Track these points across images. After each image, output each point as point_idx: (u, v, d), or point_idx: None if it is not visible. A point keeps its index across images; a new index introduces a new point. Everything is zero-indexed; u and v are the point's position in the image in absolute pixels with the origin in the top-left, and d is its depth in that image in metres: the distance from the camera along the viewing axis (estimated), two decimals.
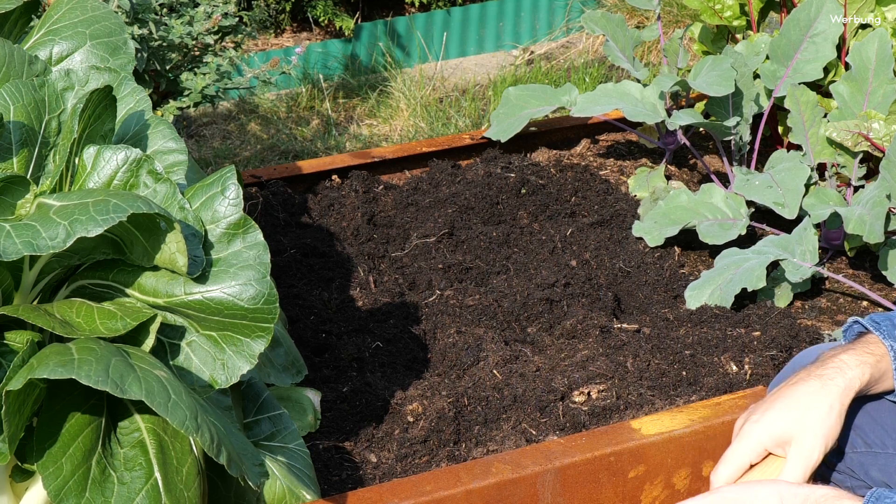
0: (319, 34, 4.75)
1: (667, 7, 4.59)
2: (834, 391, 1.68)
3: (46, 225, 1.57)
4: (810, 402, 1.67)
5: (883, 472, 1.72)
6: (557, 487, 1.97)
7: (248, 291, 1.69)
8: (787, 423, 1.67)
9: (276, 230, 2.75)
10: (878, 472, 1.72)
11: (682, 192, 2.74)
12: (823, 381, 1.69)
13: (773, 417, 1.67)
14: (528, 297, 2.49)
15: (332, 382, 2.30)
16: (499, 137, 3.02)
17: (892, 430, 1.72)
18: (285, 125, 4.12)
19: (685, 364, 2.30)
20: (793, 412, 1.67)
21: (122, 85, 1.89)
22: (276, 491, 1.83)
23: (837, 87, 2.68)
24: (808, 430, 1.65)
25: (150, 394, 1.53)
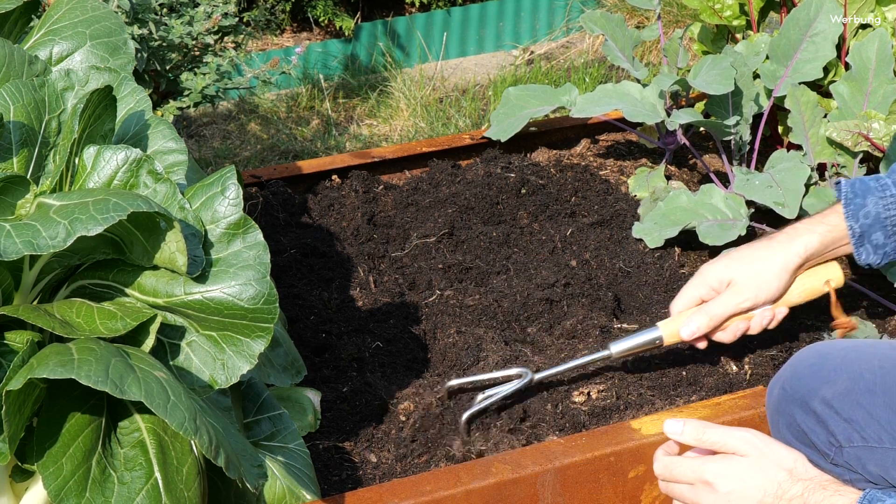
0: (319, 34, 4.75)
1: (667, 7, 4.59)
2: (778, 253, 2.07)
3: (46, 224, 1.57)
4: (754, 258, 2.08)
5: (879, 467, 1.74)
6: (557, 487, 1.97)
7: (248, 291, 1.69)
8: (731, 270, 2.09)
9: (276, 230, 2.75)
10: (874, 466, 1.74)
11: (682, 192, 2.74)
12: (771, 243, 2.08)
13: (722, 264, 2.10)
14: (528, 297, 2.49)
15: (332, 382, 2.30)
16: (499, 137, 3.02)
17: (887, 424, 1.73)
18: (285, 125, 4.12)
19: (685, 364, 2.30)
20: (738, 264, 2.08)
21: (122, 85, 1.90)
22: (276, 491, 1.83)
23: (837, 87, 2.68)
24: (745, 278, 2.07)
25: (150, 395, 1.53)
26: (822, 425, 1.77)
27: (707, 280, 2.12)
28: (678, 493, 1.66)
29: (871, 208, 2.02)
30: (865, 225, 2.03)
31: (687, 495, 1.64)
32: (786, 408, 1.83)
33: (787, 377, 1.85)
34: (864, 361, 1.80)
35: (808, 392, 1.80)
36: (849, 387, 1.77)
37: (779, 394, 1.85)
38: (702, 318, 2.11)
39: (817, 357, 1.85)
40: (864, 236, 2.04)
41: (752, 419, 2.06)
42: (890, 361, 1.79)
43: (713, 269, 2.12)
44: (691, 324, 2.11)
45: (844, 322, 2.20)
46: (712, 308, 2.10)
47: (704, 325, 2.11)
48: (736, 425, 2.04)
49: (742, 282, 2.08)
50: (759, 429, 1.92)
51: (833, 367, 1.81)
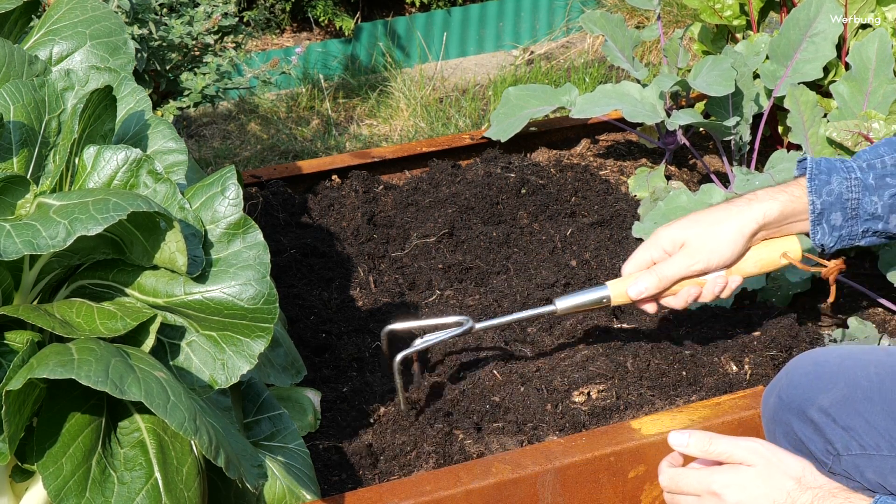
0: (319, 34, 4.75)
1: (667, 7, 4.59)
2: (734, 218, 2.01)
3: (46, 224, 1.57)
4: (709, 221, 2.02)
5: (878, 474, 1.73)
6: (557, 487, 1.97)
7: (248, 291, 1.69)
8: (686, 232, 2.03)
9: (276, 230, 2.75)
10: (872, 474, 1.73)
11: (682, 192, 2.74)
12: (729, 206, 2.03)
13: (677, 226, 2.04)
14: (528, 297, 2.49)
15: (332, 382, 2.30)
16: (499, 137, 3.02)
17: (885, 432, 1.72)
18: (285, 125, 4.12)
19: (685, 364, 2.30)
20: (693, 226, 2.03)
21: (122, 85, 1.90)
22: (276, 491, 1.83)
23: (837, 87, 2.68)
24: (698, 240, 2.01)
25: (150, 395, 1.53)
26: (820, 434, 1.77)
27: (660, 241, 2.05)
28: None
29: (835, 186, 1.99)
30: (827, 203, 2.00)
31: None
32: (782, 417, 1.82)
33: (782, 385, 1.84)
34: (861, 369, 1.79)
35: (804, 400, 1.79)
36: (846, 394, 1.76)
37: (775, 402, 1.84)
38: (651, 279, 2.04)
39: (813, 365, 1.84)
40: (823, 214, 2.01)
41: (752, 419, 2.06)
42: (886, 368, 1.78)
43: (667, 231, 2.05)
44: (639, 283, 2.04)
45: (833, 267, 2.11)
46: (662, 269, 2.04)
47: (653, 286, 2.04)
48: (736, 425, 2.05)
49: (695, 244, 2.02)
50: (759, 430, 1.92)
51: (829, 374, 1.80)
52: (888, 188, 2.00)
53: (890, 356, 1.82)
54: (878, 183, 2.00)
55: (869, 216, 2.01)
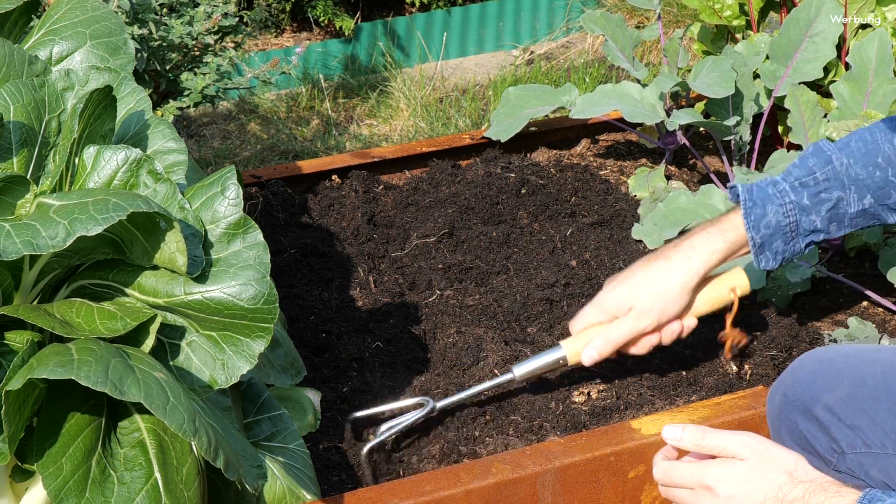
0: (319, 34, 4.75)
1: (667, 7, 4.59)
2: (676, 274, 2.05)
3: (46, 224, 1.57)
4: (652, 279, 2.05)
5: (883, 473, 1.73)
6: (557, 487, 1.97)
7: (248, 291, 1.69)
8: (630, 297, 2.06)
9: (276, 230, 2.75)
10: (878, 472, 1.73)
11: (682, 192, 2.73)
12: (668, 263, 2.06)
13: (620, 290, 2.07)
14: (528, 297, 2.49)
15: (332, 382, 2.30)
16: (499, 137, 3.02)
17: (891, 430, 1.72)
18: (285, 125, 4.12)
19: (685, 364, 2.30)
20: (637, 287, 2.06)
21: (122, 85, 1.90)
22: (276, 491, 1.83)
23: (837, 87, 2.68)
24: (645, 303, 2.05)
25: (149, 396, 1.53)
26: (825, 432, 1.76)
27: (606, 307, 2.09)
28: (679, 498, 1.65)
29: (772, 217, 2.03)
30: (766, 235, 2.04)
31: (688, 500, 1.63)
32: (788, 414, 1.82)
33: (788, 383, 1.84)
34: (867, 367, 1.79)
35: (810, 398, 1.79)
36: (852, 393, 1.76)
37: (780, 400, 1.84)
38: (603, 345, 2.08)
39: (819, 363, 1.84)
40: (765, 245, 2.05)
41: (752, 419, 2.06)
42: (892, 367, 1.78)
43: (611, 297, 2.08)
44: (591, 350, 2.08)
45: (735, 335, 2.20)
46: (613, 334, 2.08)
47: (606, 351, 2.08)
48: (736, 425, 2.05)
49: (642, 307, 2.06)
50: (759, 430, 1.92)
51: (835, 372, 1.80)
52: (824, 203, 2.04)
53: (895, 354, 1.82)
54: (812, 201, 2.04)
55: (809, 232, 2.06)
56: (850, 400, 1.76)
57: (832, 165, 2.04)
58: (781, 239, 2.05)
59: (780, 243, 2.05)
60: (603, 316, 2.10)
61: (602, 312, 2.10)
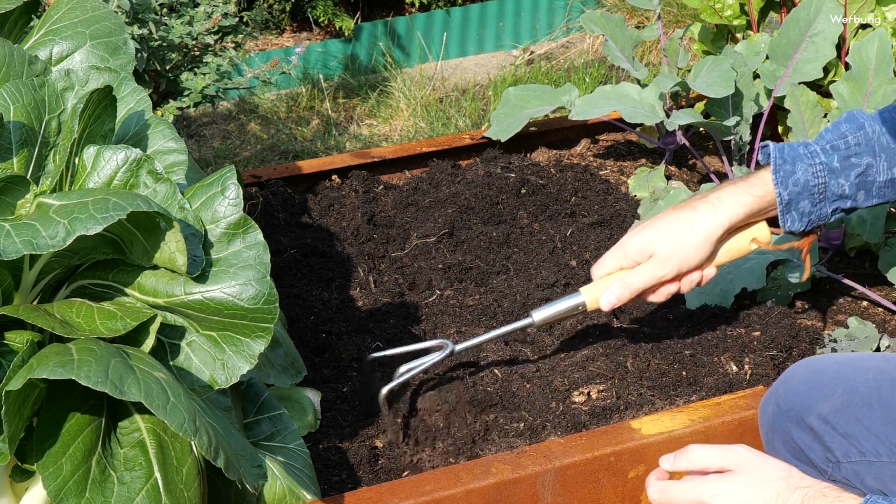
0: (319, 34, 4.75)
1: (667, 7, 4.59)
2: (700, 225, 2.02)
3: (46, 224, 1.57)
4: (675, 229, 2.03)
5: (878, 481, 1.73)
6: (557, 487, 1.97)
7: (248, 291, 1.69)
8: (652, 242, 2.03)
9: (276, 230, 2.75)
10: (873, 480, 1.73)
11: (682, 192, 2.74)
12: (695, 212, 2.03)
13: (643, 235, 2.04)
14: (529, 297, 2.49)
15: (332, 382, 2.30)
16: (499, 137, 3.02)
17: (885, 438, 1.72)
18: (285, 125, 4.12)
19: (685, 364, 2.30)
20: (660, 235, 2.03)
21: (122, 85, 1.90)
22: (276, 491, 1.83)
23: (837, 87, 2.68)
24: (666, 251, 2.02)
25: (150, 395, 1.53)
26: (819, 441, 1.76)
27: (627, 252, 2.06)
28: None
29: (801, 175, 2.01)
30: (794, 192, 2.02)
31: None
32: (781, 425, 1.81)
33: (780, 393, 1.83)
34: (859, 375, 1.79)
35: (803, 408, 1.78)
36: (845, 401, 1.76)
37: (773, 411, 1.83)
38: (621, 291, 2.06)
39: (811, 372, 1.83)
40: (792, 204, 2.03)
41: (752, 419, 2.06)
42: (884, 374, 1.78)
43: (633, 242, 2.06)
44: (610, 295, 2.07)
45: (806, 241, 2.15)
46: (632, 280, 2.06)
47: (625, 297, 2.06)
48: (736, 425, 2.05)
49: (663, 254, 2.03)
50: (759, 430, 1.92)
51: (828, 381, 1.79)
52: (854, 168, 2.02)
53: (888, 362, 1.81)
54: (843, 164, 2.02)
55: (837, 197, 2.04)
56: (844, 409, 1.75)
57: (864, 131, 2.03)
58: (809, 199, 2.03)
59: (807, 203, 2.03)
60: (624, 261, 2.08)
61: (623, 258, 2.07)
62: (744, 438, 2.05)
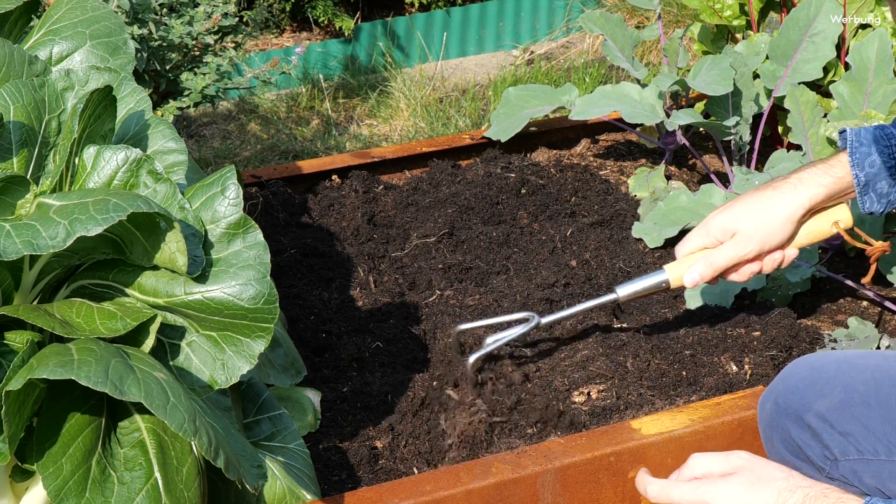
0: (319, 34, 4.75)
1: (667, 7, 4.59)
2: (782, 204, 2.06)
3: (46, 224, 1.57)
4: (758, 209, 2.07)
5: (876, 479, 1.73)
6: (557, 487, 1.97)
7: (249, 291, 1.69)
8: (735, 221, 2.08)
9: (276, 230, 2.75)
10: (871, 478, 1.73)
11: (682, 192, 2.74)
12: (776, 193, 2.07)
13: (726, 214, 2.09)
14: (529, 297, 2.49)
15: (332, 382, 2.30)
16: (499, 137, 3.02)
17: (882, 436, 1.72)
18: (285, 125, 4.12)
19: (685, 364, 2.30)
20: (743, 213, 2.08)
21: (122, 85, 1.90)
22: (276, 491, 1.83)
23: (837, 87, 2.68)
24: (749, 229, 2.06)
25: (150, 396, 1.53)
26: (817, 439, 1.76)
27: (710, 231, 2.12)
28: None
29: (876, 157, 2.03)
30: (871, 174, 2.04)
31: None
32: (780, 422, 1.81)
33: (779, 391, 1.84)
34: (857, 373, 1.79)
35: (801, 406, 1.78)
36: (843, 399, 1.76)
37: (771, 408, 1.84)
38: (705, 268, 2.11)
39: (809, 370, 1.83)
40: (869, 185, 2.05)
41: (752, 419, 2.06)
42: (882, 372, 1.78)
43: (717, 221, 2.11)
44: (693, 272, 2.12)
45: (878, 248, 2.17)
46: (715, 258, 2.10)
47: (708, 275, 2.11)
48: (736, 425, 2.05)
49: (746, 233, 2.07)
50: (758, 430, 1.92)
51: (826, 379, 1.80)
52: None
53: (886, 360, 1.81)
54: None
55: None
56: (842, 407, 1.75)
57: None
58: (886, 180, 2.05)
59: (884, 185, 2.05)
60: (707, 240, 2.12)
61: (706, 236, 2.12)
62: (744, 438, 2.05)
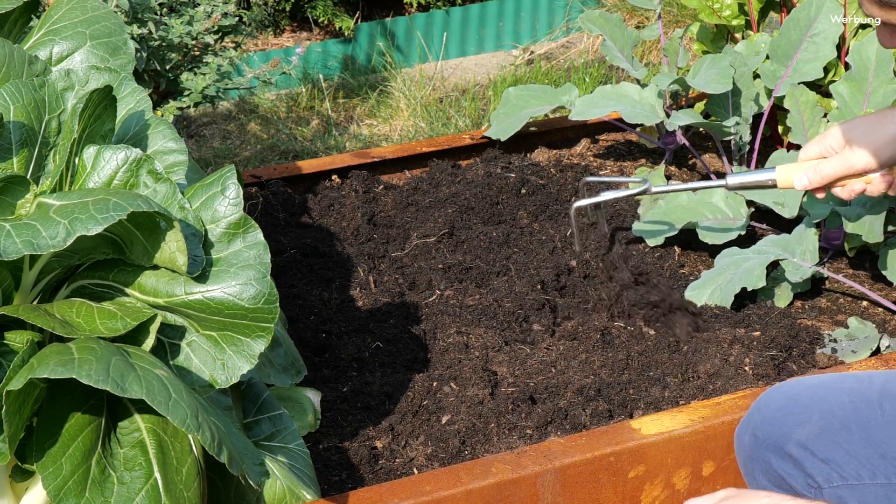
0: (319, 34, 4.75)
1: (667, 7, 4.59)
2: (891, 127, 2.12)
3: (46, 224, 1.57)
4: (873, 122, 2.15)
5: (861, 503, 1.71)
6: (557, 487, 1.97)
7: (249, 291, 1.69)
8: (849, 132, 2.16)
9: (276, 230, 2.75)
10: (856, 503, 1.72)
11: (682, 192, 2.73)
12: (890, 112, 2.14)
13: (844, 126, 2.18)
14: (529, 297, 2.49)
15: (332, 382, 2.30)
16: (499, 136, 3.02)
17: (865, 460, 1.71)
18: (285, 125, 4.12)
19: (685, 364, 2.30)
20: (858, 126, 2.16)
21: (122, 85, 1.90)
22: (276, 491, 1.83)
23: (837, 87, 2.68)
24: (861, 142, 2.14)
25: (151, 392, 1.53)
26: (800, 468, 1.75)
27: (827, 140, 2.20)
28: None
29: None
30: None
31: None
32: (760, 455, 1.80)
33: (756, 423, 1.81)
34: (834, 398, 1.77)
35: (780, 436, 1.76)
36: (822, 426, 1.74)
37: (750, 441, 1.81)
38: (813, 175, 2.20)
39: (785, 399, 1.81)
40: None
41: None
42: (858, 395, 1.76)
43: (833, 130, 2.20)
44: (802, 177, 2.22)
45: None
46: (824, 166, 2.19)
47: (815, 182, 2.21)
48: (736, 425, 2.05)
49: (857, 145, 2.15)
50: None
51: (803, 407, 1.77)
52: None
53: (860, 382, 1.79)
54: None
55: None
56: (822, 433, 1.74)
57: None
58: None
59: None
60: (822, 149, 2.22)
61: (823, 146, 2.21)
62: None
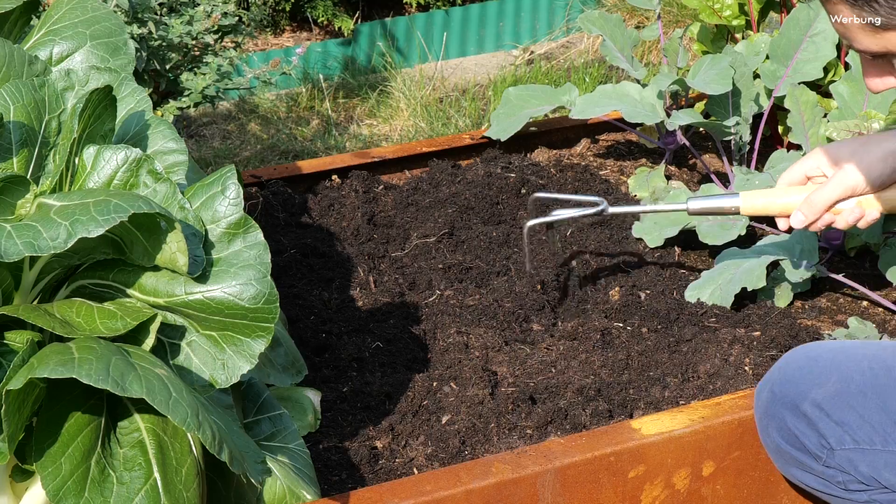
0: (319, 34, 4.75)
1: (667, 7, 4.59)
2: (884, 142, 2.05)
3: (47, 225, 1.57)
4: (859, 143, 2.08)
5: (871, 468, 1.73)
6: (557, 487, 1.97)
7: (249, 291, 1.69)
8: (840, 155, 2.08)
9: (276, 230, 2.75)
10: (866, 467, 1.73)
11: (682, 192, 2.74)
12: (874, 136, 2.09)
13: (831, 148, 2.12)
14: (529, 298, 2.49)
15: (332, 382, 2.30)
16: (499, 136, 3.02)
17: (878, 426, 1.72)
18: (285, 125, 4.12)
19: (685, 364, 2.30)
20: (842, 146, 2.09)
21: (122, 85, 1.90)
22: (276, 491, 1.83)
23: (837, 87, 2.68)
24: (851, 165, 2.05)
25: (151, 392, 1.53)
26: (813, 428, 1.76)
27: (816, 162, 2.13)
28: None
29: None
30: None
31: None
32: (776, 411, 1.82)
33: (775, 380, 1.84)
34: (854, 363, 1.79)
35: (798, 395, 1.79)
36: (839, 389, 1.76)
37: (767, 397, 1.84)
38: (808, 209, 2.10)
39: (806, 360, 1.83)
40: None
41: (751, 419, 2.06)
42: (879, 362, 1.78)
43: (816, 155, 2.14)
44: (797, 214, 2.12)
45: None
46: (818, 198, 2.09)
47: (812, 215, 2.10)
48: (736, 425, 2.05)
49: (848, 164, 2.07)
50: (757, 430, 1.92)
51: (823, 369, 1.80)
52: None
53: (884, 350, 1.82)
54: None
55: None
56: (838, 396, 1.76)
57: None
58: None
59: None
60: (810, 170, 2.14)
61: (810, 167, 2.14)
62: (743, 438, 2.05)
